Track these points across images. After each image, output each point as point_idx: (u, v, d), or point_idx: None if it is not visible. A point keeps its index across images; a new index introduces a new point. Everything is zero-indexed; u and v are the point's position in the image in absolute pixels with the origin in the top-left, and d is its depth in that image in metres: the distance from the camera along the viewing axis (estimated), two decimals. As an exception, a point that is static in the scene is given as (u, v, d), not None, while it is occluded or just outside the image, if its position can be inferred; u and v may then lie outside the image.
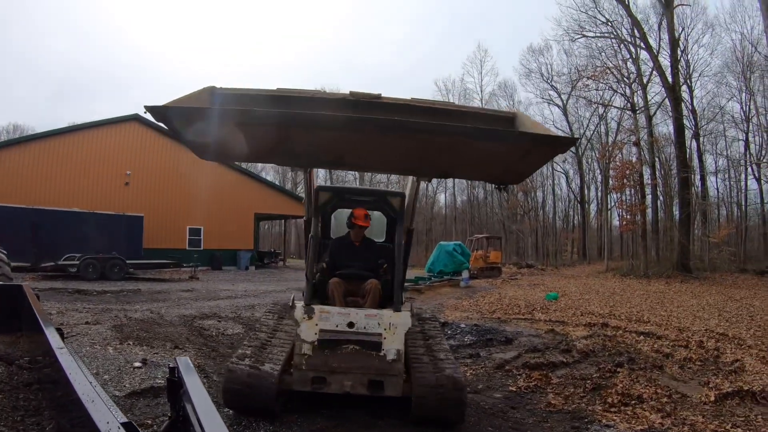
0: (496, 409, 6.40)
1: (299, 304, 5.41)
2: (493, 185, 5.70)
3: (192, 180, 29.71)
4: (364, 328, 5.36)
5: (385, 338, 5.34)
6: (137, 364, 7.01)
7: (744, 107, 39.74)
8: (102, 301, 13.49)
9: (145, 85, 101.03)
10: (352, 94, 4.22)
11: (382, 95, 4.51)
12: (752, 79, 37.52)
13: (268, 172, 66.62)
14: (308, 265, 5.69)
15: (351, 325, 5.34)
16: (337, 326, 5.32)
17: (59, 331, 3.07)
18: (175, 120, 3.70)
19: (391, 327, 5.39)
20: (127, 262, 21.30)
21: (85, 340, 8.32)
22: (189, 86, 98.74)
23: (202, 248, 30.26)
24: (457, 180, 54.44)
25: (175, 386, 2.43)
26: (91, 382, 2.14)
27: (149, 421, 4.90)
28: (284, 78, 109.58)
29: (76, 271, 19.32)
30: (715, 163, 44.25)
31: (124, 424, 1.74)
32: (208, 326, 10.74)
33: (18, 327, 3.64)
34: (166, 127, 3.80)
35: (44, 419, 2.43)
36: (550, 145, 4.24)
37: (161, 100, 3.50)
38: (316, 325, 5.28)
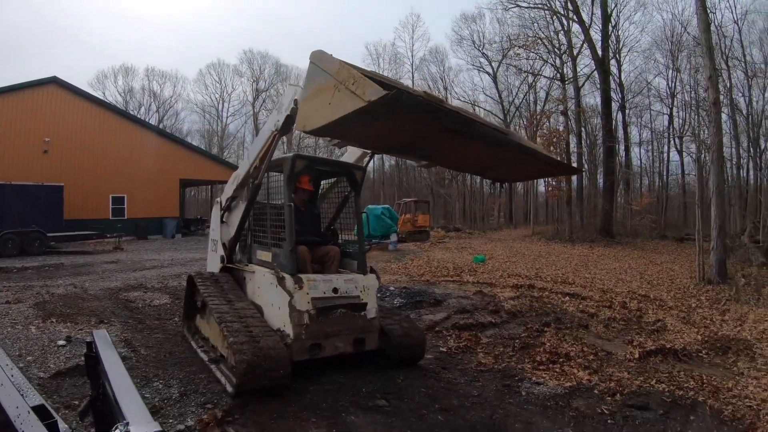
0: (428, 369, 6.53)
1: (288, 277, 5.48)
2: (497, 183, 6.34)
3: (114, 146, 28.44)
4: (346, 292, 5.80)
5: (365, 300, 5.89)
6: (61, 342, 6.77)
7: (670, 84, 41.86)
8: (23, 278, 12.76)
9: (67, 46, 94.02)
10: (426, 94, 4.19)
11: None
12: (680, 57, 39.39)
13: (194, 136, 64.69)
14: (288, 233, 5.71)
15: (335, 290, 5.72)
16: (324, 293, 5.62)
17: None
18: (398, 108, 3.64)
19: (365, 289, 5.95)
20: (48, 235, 20.06)
21: (6, 320, 7.95)
22: (108, 49, 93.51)
23: (126, 217, 28.89)
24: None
25: (93, 362, 2.30)
26: (0, 365, 1.99)
27: (76, 402, 4.73)
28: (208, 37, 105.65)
29: (-6, 248, 18.16)
30: (640, 135, 46.58)
31: (35, 408, 1.63)
32: (134, 298, 10.37)
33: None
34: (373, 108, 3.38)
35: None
36: (564, 171, 6.23)
37: (84, 62, 3.22)
38: (307, 294, 5.48)
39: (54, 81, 27.14)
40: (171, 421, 4.65)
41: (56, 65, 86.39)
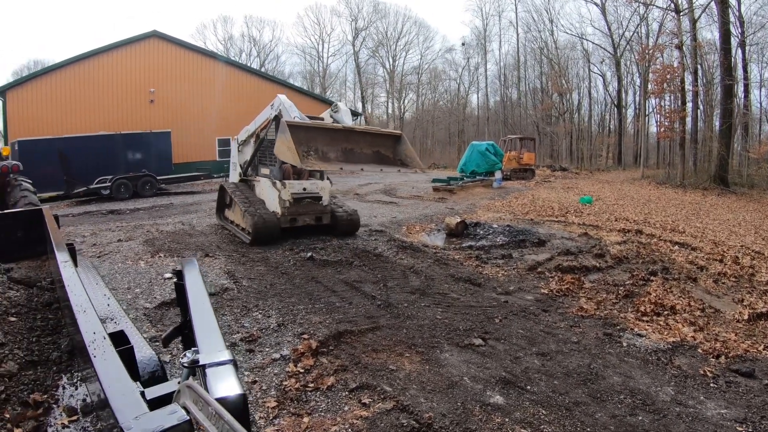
0: (528, 311, 6.36)
1: (278, 182, 9.81)
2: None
3: (217, 91, 29.35)
4: (311, 190, 10.02)
5: (321, 195, 10.15)
6: (168, 275, 7.14)
7: (797, 20, 36.75)
8: (134, 219, 13.60)
9: None
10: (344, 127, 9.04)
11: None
12: (808, -10, 34.49)
13: (296, 78, 65.51)
14: (277, 162, 9.98)
15: (304, 189, 9.94)
16: (298, 191, 9.84)
17: (69, 246, 2.96)
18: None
19: (322, 189, 10.25)
20: (158, 178, 21.27)
21: (118, 257, 8.49)
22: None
23: (233, 158, 30.05)
24: (489, 80, 64.79)
25: (181, 290, 2.29)
26: (88, 294, 1.99)
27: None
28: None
29: (109, 193, 19.34)
30: (761, 75, 41.79)
31: (112, 334, 1.60)
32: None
33: (44, 251, 3.65)
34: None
35: (62, 337, 2.36)
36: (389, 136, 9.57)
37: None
38: (288, 191, 9.71)
39: (154, 34, 28.24)
40: (267, 349, 4.78)
41: (156, 23, 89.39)
